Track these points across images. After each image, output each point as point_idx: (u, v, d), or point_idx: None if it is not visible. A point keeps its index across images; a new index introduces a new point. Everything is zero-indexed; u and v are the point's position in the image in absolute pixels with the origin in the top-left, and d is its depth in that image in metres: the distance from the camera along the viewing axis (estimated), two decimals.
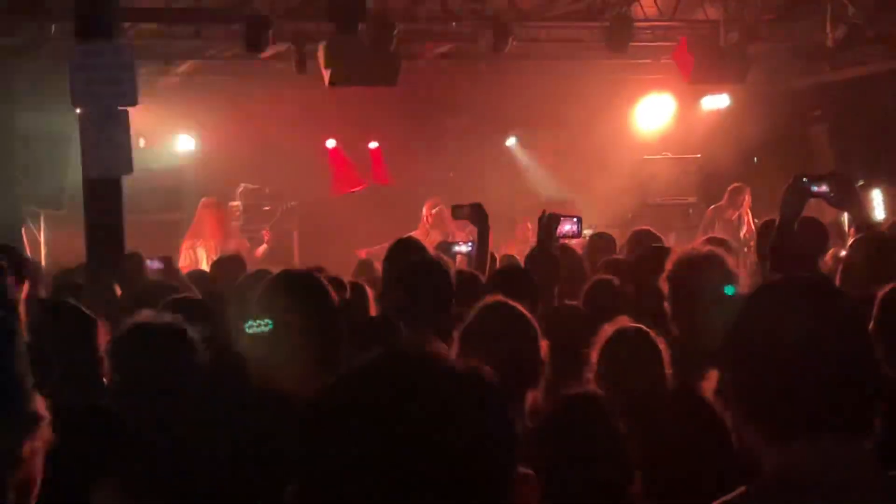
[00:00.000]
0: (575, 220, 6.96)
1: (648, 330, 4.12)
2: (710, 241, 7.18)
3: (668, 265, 4.39)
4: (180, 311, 4.46)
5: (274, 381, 3.51)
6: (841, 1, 12.59)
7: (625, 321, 4.21)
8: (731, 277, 4.26)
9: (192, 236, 12.43)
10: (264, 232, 13.34)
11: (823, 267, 7.04)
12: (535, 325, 4.07)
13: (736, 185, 13.88)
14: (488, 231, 6.94)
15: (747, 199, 13.73)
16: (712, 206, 14.12)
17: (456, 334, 4.07)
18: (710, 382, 3.58)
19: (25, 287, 3.96)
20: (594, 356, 4.09)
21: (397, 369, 1.65)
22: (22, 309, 2.01)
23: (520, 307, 4.12)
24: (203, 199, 12.91)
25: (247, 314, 3.72)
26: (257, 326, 3.56)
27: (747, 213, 13.73)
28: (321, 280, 3.80)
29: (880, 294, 3.83)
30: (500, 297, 4.21)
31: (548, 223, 6.64)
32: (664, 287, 4.34)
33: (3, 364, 1.87)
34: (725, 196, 13.88)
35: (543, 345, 4.00)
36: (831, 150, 15.74)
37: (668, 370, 3.99)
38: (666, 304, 4.33)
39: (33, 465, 1.89)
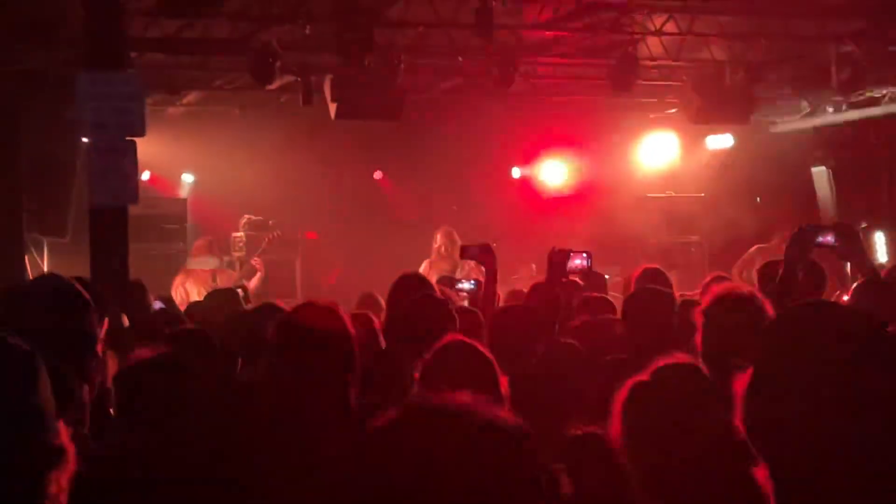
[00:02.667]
0: (584, 255, 6.98)
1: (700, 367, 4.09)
2: (717, 279, 7.23)
3: (705, 300, 4.45)
4: (183, 343, 4.48)
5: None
6: (846, 44, 12.65)
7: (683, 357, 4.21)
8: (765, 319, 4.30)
9: (182, 273, 12.81)
10: (254, 261, 13.43)
11: None
12: (494, 362, 4.05)
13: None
14: (496, 272, 6.95)
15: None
16: (756, 247, 13.39)
17: (416, 373, 4.07)
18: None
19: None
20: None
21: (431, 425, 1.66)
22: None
23: (478, 345, 4.12)
24: (199, 240, 13.26)
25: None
26: None
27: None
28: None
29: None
30: (459, 336, 4.23)
31: (557, 258, 6.65)
32: (698, 320, 4.38)
33: (26, 398, 1.87)
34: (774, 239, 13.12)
35: (503, 381, 3.99)
36: (833, 192, 15.77)
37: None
38: (697, 338, 4.36)
39: (59, 501, 1.87)
